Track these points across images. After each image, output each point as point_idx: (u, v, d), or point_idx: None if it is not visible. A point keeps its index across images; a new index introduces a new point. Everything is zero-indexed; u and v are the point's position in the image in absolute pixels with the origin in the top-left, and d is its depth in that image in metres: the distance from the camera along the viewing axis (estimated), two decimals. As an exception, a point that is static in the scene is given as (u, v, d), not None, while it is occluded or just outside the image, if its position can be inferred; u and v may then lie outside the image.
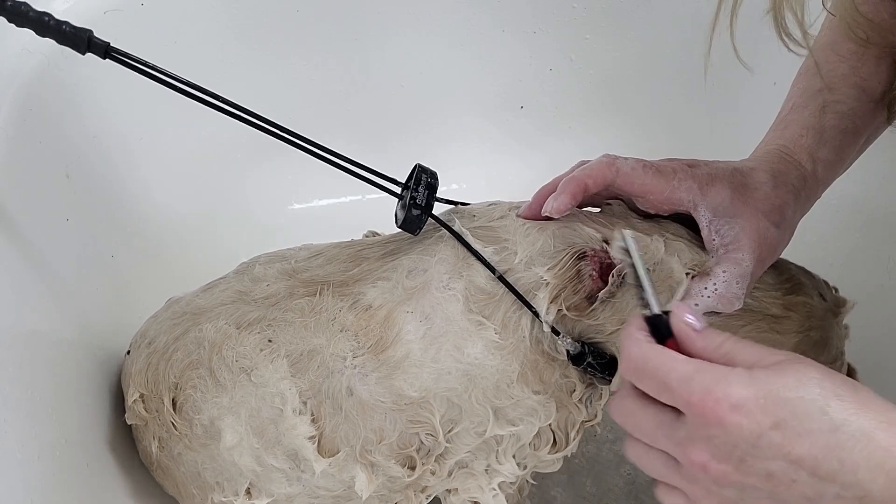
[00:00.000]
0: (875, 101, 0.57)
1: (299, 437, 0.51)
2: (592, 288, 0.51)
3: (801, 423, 0.35)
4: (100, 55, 0.47)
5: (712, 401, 0.35)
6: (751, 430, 0.35)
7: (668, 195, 0.50)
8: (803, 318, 0.56)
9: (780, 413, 0.35)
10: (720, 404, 0.35)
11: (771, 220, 0.51)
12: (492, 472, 0.55)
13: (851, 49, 0.57)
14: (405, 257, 0.54)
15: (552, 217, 0.51)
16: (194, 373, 0.54)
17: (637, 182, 0.50)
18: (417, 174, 0.53)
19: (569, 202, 0.49)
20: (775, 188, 0.52)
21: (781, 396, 0.35)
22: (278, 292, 0.55)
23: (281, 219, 0.95)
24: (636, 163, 0.50)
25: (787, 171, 0.53)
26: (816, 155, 0.55)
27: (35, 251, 0.61)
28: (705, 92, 0.89)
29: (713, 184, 0.50)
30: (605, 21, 0.93)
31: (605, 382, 0.53)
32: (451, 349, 0.51)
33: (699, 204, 0.51)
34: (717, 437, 0.36)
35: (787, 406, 0.35)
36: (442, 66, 0.94)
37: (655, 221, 0.54)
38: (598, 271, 0.51)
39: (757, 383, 0.35)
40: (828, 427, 0.34)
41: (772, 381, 0.35)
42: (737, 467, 0.36)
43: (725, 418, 0.35)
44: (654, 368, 0.38)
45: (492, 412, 0.52)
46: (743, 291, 0.49)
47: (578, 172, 0.50)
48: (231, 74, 0.86)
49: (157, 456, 0.57)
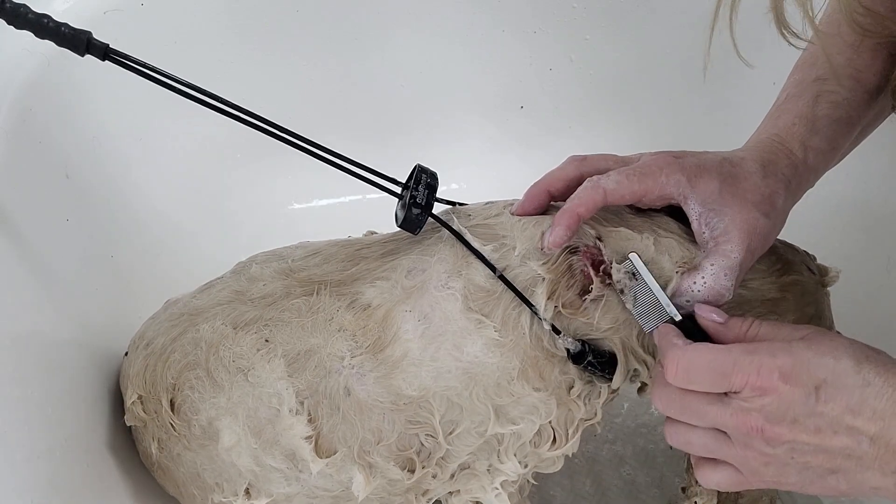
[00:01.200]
0: (870, 93, 0.57)
1: (296, 437, 0.51)
2: (584, 283, 0.51)
3: (839, 380, 0.41)
4: (99, 57, 0.47)
5: (766, 373, 0.41)
6: (800, 393, 0.41)
7: (658, 193, 0.51)
8: (798, 296, 0.58)
9: (822, 374, 0.41)
10: (773, 374, 0.41)
11: (761, 210, 0.51)
12: (494, 472, 0.55)
13: (848, 40, 0.57)
14: (405, 257, 0.54)
15: (544, 247, 0.51)
16: (192, 373, 0.54)
17: (626, 194, 0.50)
18: (417, 174, 0.53)
19: (565, 235, 0.50)
20: (765, 177, 0.52)
21: (821, 361, 0.41)
22: (275, 292, 0.55)
23: (281, 219, 0.96)
24: (619, 175, 0.50)
25: (777, 160, 0.53)
26: (808, 143, 0.55)
27: (34, 251, 0.61)
28: (705, 91, 0.89)
29: (702, 175, 0.50)
30: (605, 21, 0.92)
31: (605, 381, 0.53)
32: (450, 348, 0.51)
33: (689, 197, 0.51)
34: (770, 405, 0.42)
35: (827, 368, 0.41)
36: (442, 66, 0.94)
37: (647, 216, 0.54)
38: (590, 265, 0.51)
39: (798, 353, 0.42)
40: (861, 382, 0.41)
41: (811, 349, 0.42)
42: (790, 427, 0.42)
43: (778, 387, 0.41)
44: (703, 367, 0.43)
45: (492, 410, 0.52)
46: (732, 283, 0.50)
47: (569, 204, 0.50)
48: (231, 74, 0.86)
49: (156, 457, 0.57)
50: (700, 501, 0.61)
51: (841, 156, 0.58)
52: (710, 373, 0.43)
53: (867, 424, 0.41)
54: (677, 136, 0.95)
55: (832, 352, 0.42)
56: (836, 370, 0.41)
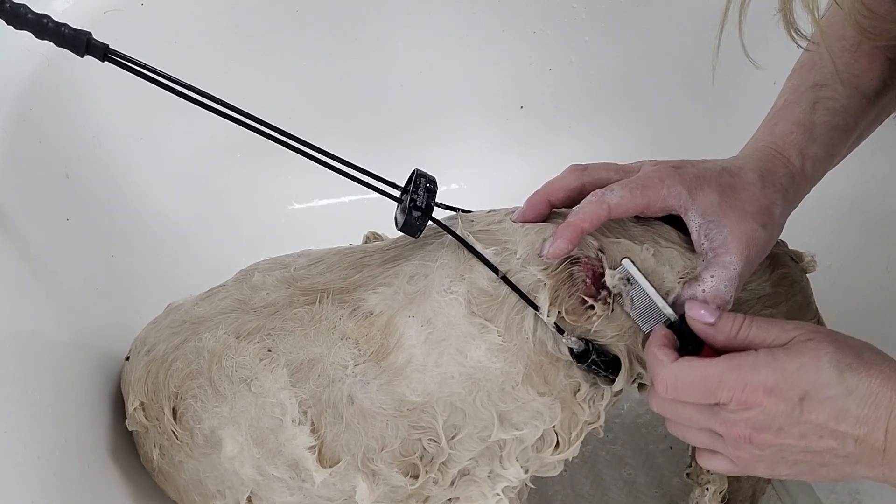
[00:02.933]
0: (867, 98, 0.57)
1: (299, 447, 0.51)
2: (586, 293, 0.51)
3: (822, 392, 0.43)
4: (98, 58, 0.47)
5: (750, 390, 0.43)
6: (784, 406, 0.43)
7: (660, 205, 0.51)
8: (788, 287, 0.60)
9: (805, 387, 0.43)
10: (757, 391, 0.43)
11: (759, 221, 0.51)
12: (495, 478, 0.54)
13: (845, 45, 0.58)
14: (407, 263, 0.54)
15: (542, 255, 0.51)
16: (194, 382, 0.54)
17: (630, 208, 0.51)
18: (416, 179, 0.53)
19: (565, 248, 0.50)
20: (763, 188, 0.52)
21: (804, 374, 0.43)
22: (277, 301, 0.55)
23: (281, 219, 0.95)
24: (622, 190, 0.51)
25: (775, 170, 0.54)
26: (806, 152, 0.55)
27: (34, 251, 0.61)
28: (706, 91, 0.89)
29: (701, 187, 0.51)
30: (605, 21, 0.92)
31: (608, 382, 0.53)
32: (453, 353, 0.51)
33: (689, 209, 0.51)
34: (756, 417, 0.44)
35: (810, 380, 0.43)
36: (442, 66, 0.94)
37: (648, 225, 0.54)
38: (590, 278, 0.51)
39: (782, 366, 0.43)
40: (844, 392, 0.42)
41: (794, 361, 0.43)
42: (776, 435, 0.44)
43: (763, 402, 0.43)
44: (690, 384, 0.45)
45: (496, 416, 0.51)
46: (732, 294, 0.51)
47: (573, 217, 0.50)
48: (231, 74, 0.86)
49: (158, 462, 0.57)
50: (712, 488, 0.63)
51: (837, 162, 0.59)
52: (697, 389, 0.45)
53: (852, 429, 0.43)
54: (677, 135, 0.95)
55: (815, 362, 0.43)
56: (818, 382, 0.43)
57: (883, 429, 0.42)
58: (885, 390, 0.42)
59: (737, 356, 0.45)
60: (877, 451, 0.43)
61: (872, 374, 0.43)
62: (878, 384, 0.43)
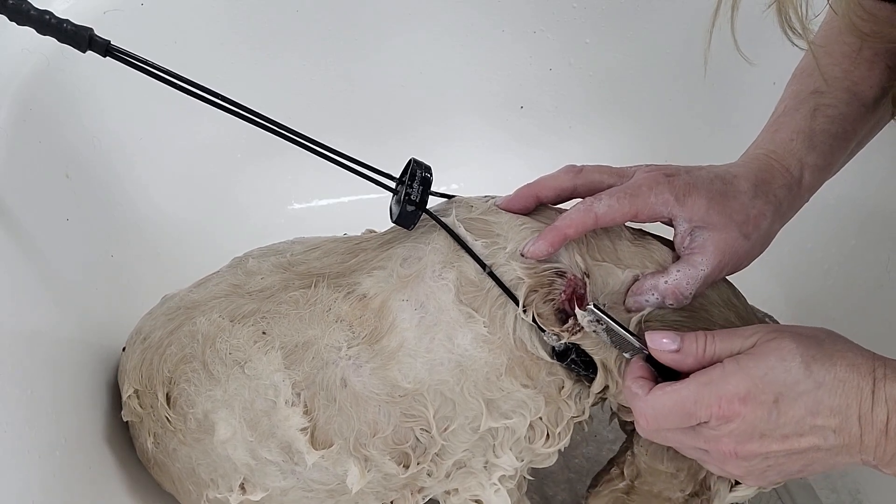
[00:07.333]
0: (866, 106, 0.57)
1: (291, 428, 0.51)
2: (559, 307, 0.51)
3: (793, 389, 0.43)
4: (100, 53, 0.47)
5: (726, 402, 0.44)
6: (762, 411, 0.43)
7: (648, 213, 0.52)
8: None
9: (777, 388, 0.43)
10: (733, 402, 0.44)
11: (742, 231, 0.52)
12: (490, 468, 0.55)
13: (845, 51, 0.58)
14: (400, 246, 0.54)
15: (522, 252, 0.52)
16: (188, 366, 0.54)
17: (617, 216, 0.51)
18: (412, 169, 0.53)
19: (545, 250, 0.51)
20: (754, 198, 0.53)
21: (773, 375, 0.43)
22: (273, 285, 0.55)
23: (281, 219, 0.96)
24: (609, 199, 0.51)
25: (772, 181, 0.54)
26: (805, 160, 0.55)
27: (35, 251, 0.61)
28: (705, 91, 0.90)
29: (690, 194, 0.51)
30: (605, 21, 0.93)
31: (588, 381, 0.53)
32: (443, 339, 0.51)
33: (677, 216, 0.52)
34: (737, 428, 0.44)
35: (780, 380, 0.43)
36: (442, 66, 0.95)
37: (643, 247, 0.54)
38: (567, 295, 0.51)
39: (749, 372, 0.44)
40: (813, 385, 0.43)
41: (760, 365, 0.44)
42: (760, 442, 0.44)
43: (741, 412, 0.44)
44: (668, 412, 0.45)
45: (484, 404, 0.52)
46: (692, 291, 0.52)
47: (560, 222, 0.51)
48: (231, 74, 0.86)
49: (152, 452, 0.57)
50: None
51: (836, 171, 0.59)
52: (676, 415, 0.45)
53: (828, 420, 0.43)
54: (676, 135, 0.95)
55: (781, 361, 0.44)
56: (787, 381, 0.43)
57: (856, 415, 0.43)
58: (852, 376, 0.43)
59: (704, 373, 0.45)
60: (854, 439, 0.43)
61: (836, 362, 0.43)
62: (843, 371, 0.43)
